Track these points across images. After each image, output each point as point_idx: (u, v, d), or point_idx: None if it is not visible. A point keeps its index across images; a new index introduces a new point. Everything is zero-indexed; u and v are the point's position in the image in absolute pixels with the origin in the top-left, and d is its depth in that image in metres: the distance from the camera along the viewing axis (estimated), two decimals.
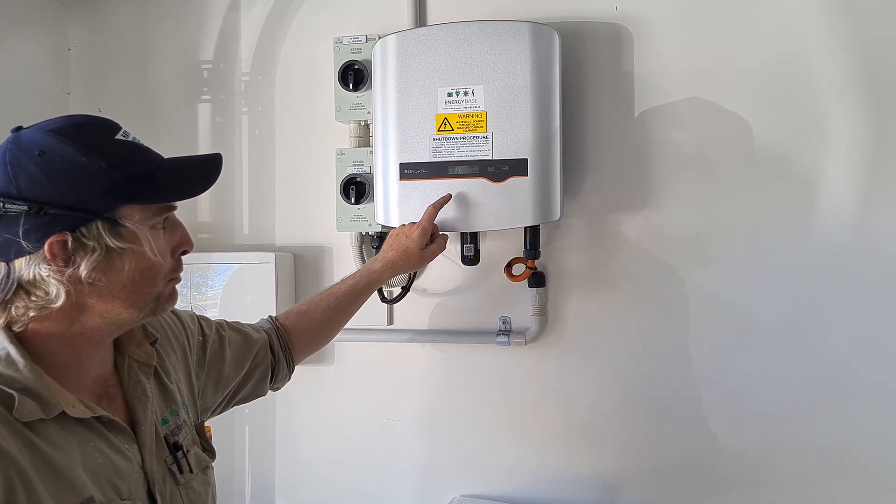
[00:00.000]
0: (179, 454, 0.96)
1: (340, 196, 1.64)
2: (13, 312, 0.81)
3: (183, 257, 0.94)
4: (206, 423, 1.09)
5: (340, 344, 1.75)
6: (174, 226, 0.91)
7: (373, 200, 1.59)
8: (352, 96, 1.63)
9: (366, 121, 1.65)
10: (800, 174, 1.49)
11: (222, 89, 1.82)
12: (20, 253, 0.79)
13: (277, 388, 1.29)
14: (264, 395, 1.25)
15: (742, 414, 1.54)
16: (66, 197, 0.79)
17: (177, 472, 0.95)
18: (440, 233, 1.47)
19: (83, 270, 0.80)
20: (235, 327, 1.22)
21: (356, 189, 1.62)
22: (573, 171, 1.58)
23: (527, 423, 1.66)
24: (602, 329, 1.61)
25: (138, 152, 0.86)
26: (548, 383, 1.64)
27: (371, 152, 1.61)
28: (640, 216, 1.57)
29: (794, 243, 1.50)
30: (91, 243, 0.80)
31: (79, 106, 1.88)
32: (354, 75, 1.61)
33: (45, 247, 0.79)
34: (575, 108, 1.58)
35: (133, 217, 0.83)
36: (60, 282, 0.80)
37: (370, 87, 1.59)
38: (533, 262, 1.55)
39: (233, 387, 1.17)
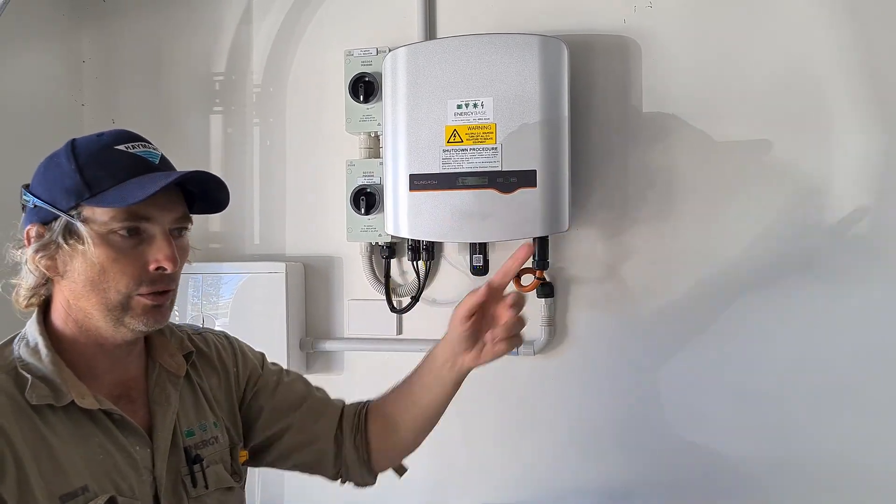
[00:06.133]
0: (196, 467, 0.96)
1: (350, 206, 1.65)
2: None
3: (166, 273, 0.89)
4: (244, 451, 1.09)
5: (350, 353, 1.76)
6: (151, 240, 0.88)
7: (383, 211, 1.61)
8: (362, 108, 1.64)
9: (376, 132, 1.66)
10: (809, 185, 1.50)
11: (234, 101, 1.84)
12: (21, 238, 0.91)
13: (358, 483, 1.18)
14: (329, 476, 1.17)
15: (752, 425, 1.54)
16: (45, 193, 0.88)
17: (189, 485, 0.95)
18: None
19: (42, 260, 0.88)
20: (309, 384, 1.18)
21: (366, 200, 1.63)
22: (582, 183, 1.59)
23: (536, 433, 1.66)
24: (611, 339, 1.61)
25: (120, 161, 0.88)
26: (557, 393, 1.64)
27: (381, 163, 1.62)
28: (649, 226, 1.58)
29: (804, 254, 1.50)
30: (50, 236, 0.87)
31: (93, 118, 1.90)
32: (365, 87, 1.62)
33: (24, 233, 0.89)
34: (583, 120, 1.59)
35: (94, 220, 0.86)
36: (29, 266, 0.89)
37: (380, 98, 1.60)
38: (542, 272, 1.56)
39: (281, 435, 1.11)
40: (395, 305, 1.70)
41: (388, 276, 1.70)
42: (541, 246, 1.55)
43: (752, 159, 1.52)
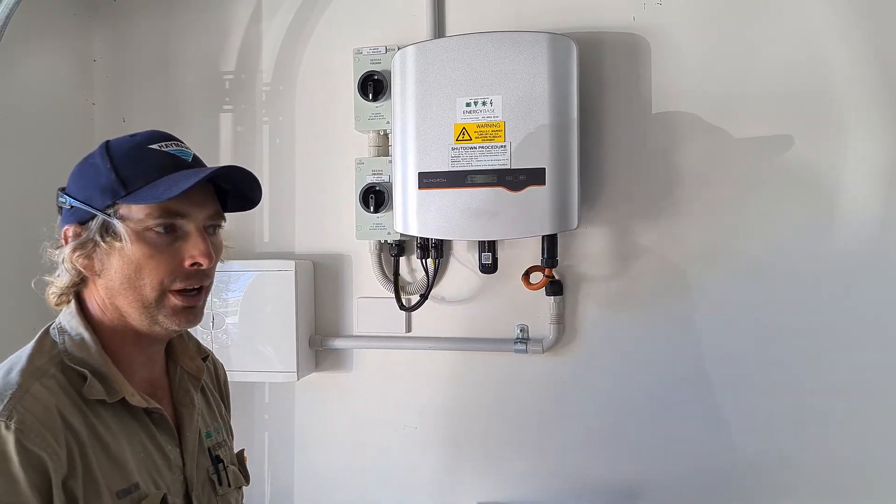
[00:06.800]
0: (220, 466, 1.00)
1: (360, 204, 1.66)
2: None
3: (201, 269, 0.90)
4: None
5: (359, 351, 1.77)
6: (186, 236, 0.89)
7: (392, 209, 1.61)
8: (371, 106, 1.65)
9: (385, 130, 1.67)
10: (818, 182, 1.49)
11: (244, 99, 1.85)
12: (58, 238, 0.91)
13: None
14: None
15: (760, 423, 1.53)
16: (80, 193, 0.88)
17: (216, 483, 0.98)
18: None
19: (79, 259, 0.88)
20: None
21: (375, 198, 1.64)
22: (591, 181, 1.59)
23: (544, 430, 1.66)
24: (619, 337, 1.61)
25: (154, 160, 0.88)
26: (565, 391, 1.65)
27: (390, 161, 1.63)
28: (658, 225, 1.58)
29: (812, 252, 1.49)
30: (87, 235, 0.88)
31: (104, 116, 1.91)
32: (374, 85, 1.63)
33: (61, 234, 0.90)
34: (592, 118, 1.59)
35: (130, 218, 0.86)
36: (66, 265, 0.89)
37: (389, 97, 1.60)
38: (550, 270, 1.56)
39: None
40: (403, 303, 1.71)
41: (396, 273, 1.70)
42: (550, 244, 1.55)
43: (762, 158, 1.51)
